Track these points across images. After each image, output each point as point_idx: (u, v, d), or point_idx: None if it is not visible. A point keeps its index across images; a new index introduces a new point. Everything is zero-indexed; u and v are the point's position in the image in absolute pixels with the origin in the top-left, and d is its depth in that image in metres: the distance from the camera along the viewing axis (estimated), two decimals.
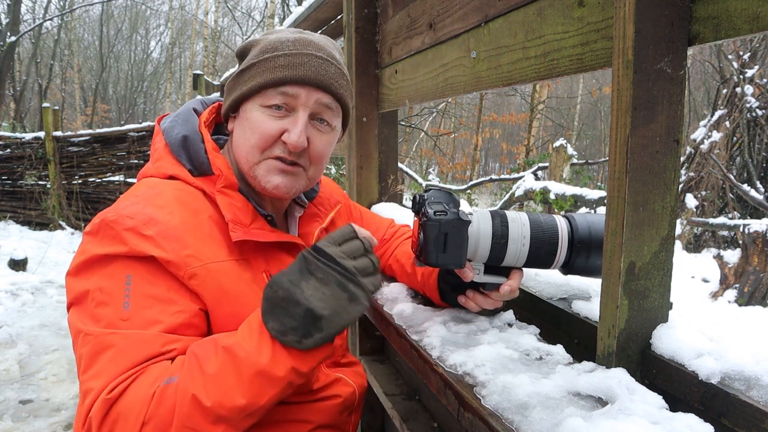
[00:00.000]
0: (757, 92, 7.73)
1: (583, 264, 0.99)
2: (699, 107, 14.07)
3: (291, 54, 1.01)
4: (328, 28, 2.92)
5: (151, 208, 0.94)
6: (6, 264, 6.60)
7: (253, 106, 1.03)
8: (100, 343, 0.85)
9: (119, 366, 0.83)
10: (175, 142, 1.05)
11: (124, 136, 8.76)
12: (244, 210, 1.02)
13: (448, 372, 0.90)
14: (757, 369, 0.72)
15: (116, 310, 0.87)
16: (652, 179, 0.78)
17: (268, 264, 1.04)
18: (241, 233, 0.98)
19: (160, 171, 1.04)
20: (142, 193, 0.98)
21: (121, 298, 0.88)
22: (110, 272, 0.90)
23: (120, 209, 0.94)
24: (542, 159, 9.87)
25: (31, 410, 3.37)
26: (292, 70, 1.00)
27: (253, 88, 1.01)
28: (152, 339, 0.86)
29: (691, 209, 7.42)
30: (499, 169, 23.17)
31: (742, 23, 0.70)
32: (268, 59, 1.01)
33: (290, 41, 1.02)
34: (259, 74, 1.01)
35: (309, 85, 1.01)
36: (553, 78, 1.08)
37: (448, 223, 0.95)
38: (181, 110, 1.12)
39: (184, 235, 0.93)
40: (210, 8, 25.29)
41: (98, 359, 0.85)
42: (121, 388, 0.81)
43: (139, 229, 0.91)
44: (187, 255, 0.92)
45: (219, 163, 1.03)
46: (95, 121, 23.05)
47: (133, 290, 0.88)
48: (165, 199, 0.97)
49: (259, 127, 1.01)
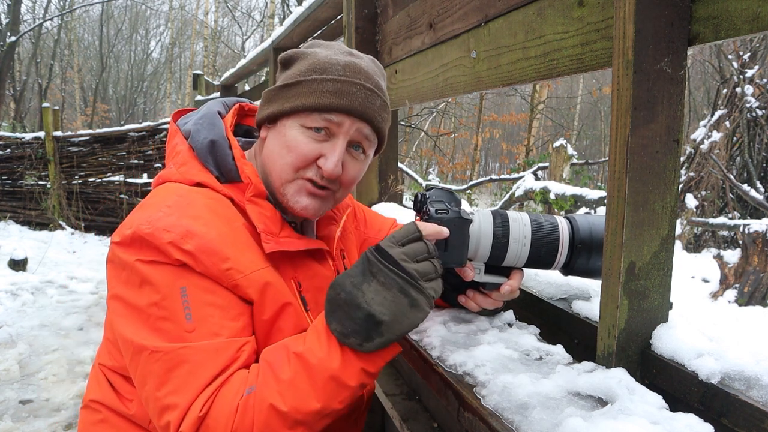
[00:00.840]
0: (757, 92, 7.73)
1: (583, 265, 0.99)
2: (699, 107, 14.07)
3: (340, 80, 0.98)
4: (328, 28, 2.92)
5: (186, 220, 0.92)
6: (6, 264, 6.60)
7: (294, 124, 1.00)
8: (173, 359, 0.86)
9: (200, 379, 0.85)
10: (202, 147, 1.03)
11: (124, 136, 8.75)
12: (274, 219, 1.01)
13: (448, 372, 0.90)
14: (757, 369, 0.72)
15: (180, 323, 0.87)
16: (652, 179, 0.78)
17: (295, 271, 1.04)
18: (274, 244, 0.97)
19: (186, 177, 1.02)
20: (174, 203, 0.95)
21: (181, 311, 0.88)
22: (164, 283, 0.89)
23: (154, 221, 0.91)
24: (542, 159, 9.87)
25: (31, 410, 3.37)
26: (339, 99, 0.98)
27: (297, 108, 0.99)
28: (224, 347, 0.87)
29: (691, 209, 7.42)
30: (499, 169, 23.17)
31: (742, 23, 0.70)
32: (317, 81, 0.98)
33: (341, 65, 1.00)
34: (305, 95, 0.99)
35: (354, 116, 1.00)
36: (553, 78, 1.08)
37: (450, 222, 0.95)
38: (205, 113, 1.10)
39: (223, 247, 0.92)
40: (210, 8, 25.31)
41: (174, 375, 0.85)
42: (209, 404, 0.84)
43: (178, 243, 0.89)
44: (228, 269, 0.91)
45: (248, 171, 1.02)
46: (95, 121, 23.05)
47: (192, 300, 0.88)
48: (198, 210, 0.95)
49: (297, 148, 1.00)
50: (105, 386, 1.04)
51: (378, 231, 1.43)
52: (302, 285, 1.04)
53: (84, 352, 4.24)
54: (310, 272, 1.06)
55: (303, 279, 1.04)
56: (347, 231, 1.30)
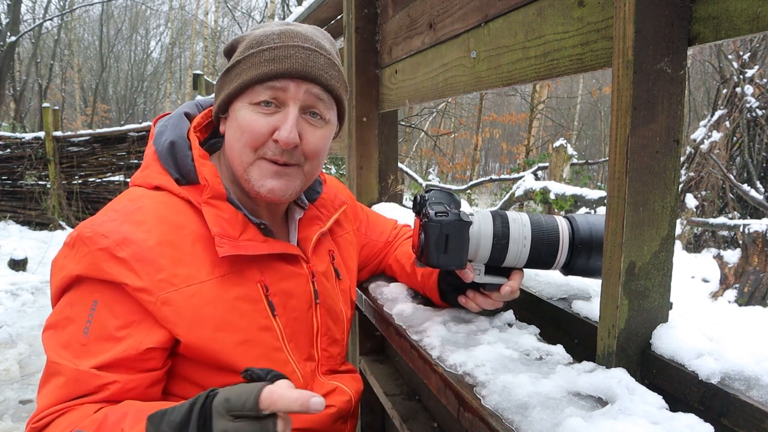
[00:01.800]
0: (757, 92, 7.73)
1: (583, 265, 0.99)
2: (699, 107, 14.07)
3: (276, 47, 0.97)
4: (328, 28, 2.92)
5: (127, 226, 0.91)
6: (6, 264, 6.60)
7: (242, 105, 0.99)
8: (51, 367, 0.89)
9: (56, 396, 0.87)
10: (162, 149, 1.01)
11: (124, 136, 8.76)
12: (233, 221, 0.98)
13: (448, 372, 0.90)
14: (757, 369, 0.72)
15: (77, 334, 0.89)
16: (652, 179, 0.78)
17: (262, 274, 1.00)
18: (229, 248, 0.94)
19: (146, 180, 1.01)
20: (122, 208, 0.95)
21: (83, 323, 0.89)
22: (80, 294, 0.91)
23: (96, 225, 0.92)
24: (542, 159, 9.87)
25: (31, 410, 3.36)
26: (277, 64, 0.96)
27: (240, 85, 0.98)
28: (89, 378, 0.87)
29: (691, 209, 7.42)
30: (499, 169, 23.17)
31: (742, 23, 0.70)
32: (254, 54, 0.98)
33: (275, 34, 0.99)
34: (245, 71, 0.98)
35: (296, 77, 0.97)
36: (553, 78, 1.08)
37: (449, 224, 0.95)
38: (173, 113, 1.09)
39: (158, 257, 0.90)
40: (210, 8, 25.31)
41: (48, 381, 0.89)
42: (45, 421, 0.86)
43: (113, 250, 0.89)
44: (161, 279, 0.90)
45: (206, 172, 0.99)
46: (95, 121, 23.04)
47: (95, 317, 0.89)
48: (144, 215, 0.94)
49: (249, 126, 0.97)
50: None
51: (380, 233, 1.42)
52: (269, 289, 1.00)
53: None
54: (279, 275, 1.03)
55: (270, 283, 1.01)
56: (343, 231, 1.27)
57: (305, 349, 1.08)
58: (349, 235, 1.29)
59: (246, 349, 0.96)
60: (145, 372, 0.90)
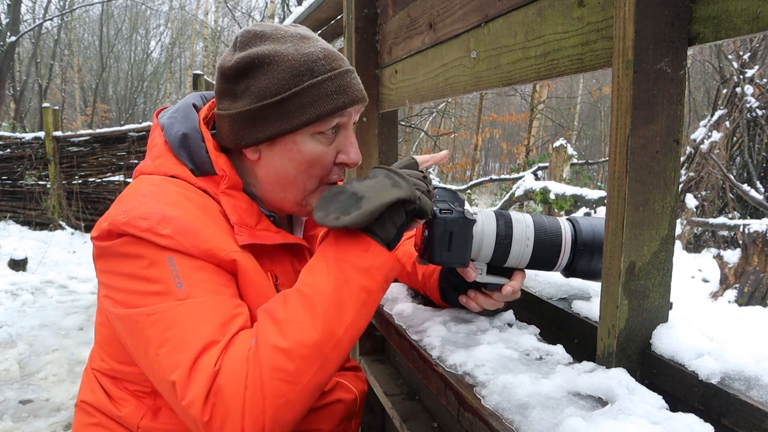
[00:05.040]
0: (757, 92, 7.73)
1: (585, 267, 0.99)
2: (699, 107, 14.07)
3: (334, 76, 0.97)
4: (328, 28, 2.92)
5: (161, 206, 0.90)
6: (6, 264, 6.60)
7: (305, 138, 0.97)
8: (170, 317, 0.82)
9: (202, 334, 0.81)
10: (175, 140, 1.02)
11: (124, 136, 8.75)
12: (249, 211, 1.00)
13: (448, 372, 0.90)
14: (757, 369, 0.72)
15: (171, 291, 0.84)
16: (652, 179, 0.78)
17: (273, 264, 1.03)
18: (247, 236, 0.96)
19: (161, 170, 1.01)
20: (149, 192, 0.94)
21: (171, 279, 0.85)
22: (149, 254, 0.87)
23: (129, 210, 0.90)
24: (542, 159, 9.87)
25: (31, 410, 3.37)
26: (345, 96, 0.97)
27: (312, 120, 0.95)
28: (222, 302, 0.85)
29: (691, 209, 7.42)
30: (499, 169, 23.18)
31: (742, 23, 0.70)
32: (315, 86, 0.95)
33: (320, 58, 0.97)
34: (313, 104, 0.95)
35: (358, 103, 1.00)
36: (553, 78, 1.08)
37: (454, 222, 0.95)
38: (180, 105, 1.08)
39: (201, 228, 0.90)
40: (210, 8, 25.30)
41: (174, 333, 0.81)
42: (221, 360, 0.79)
43: (155, 228, 0.87)
44: (209, 248, 0.89)
45: (221, 163, 1.00)
46: (95, 121, 23.04)
47: (180, 270, 0.86)
48: (173, 197, 0.93)
49: (319, 159, 0.99)
50: (98, 390, 1.03)
51: None
52: (279, 279, 1.02)
53: (84, 352, 4.24)
54: (288, 267, 1.05)
55: (280, 273, 1.03)
56: None
57: None
58: None
59: None
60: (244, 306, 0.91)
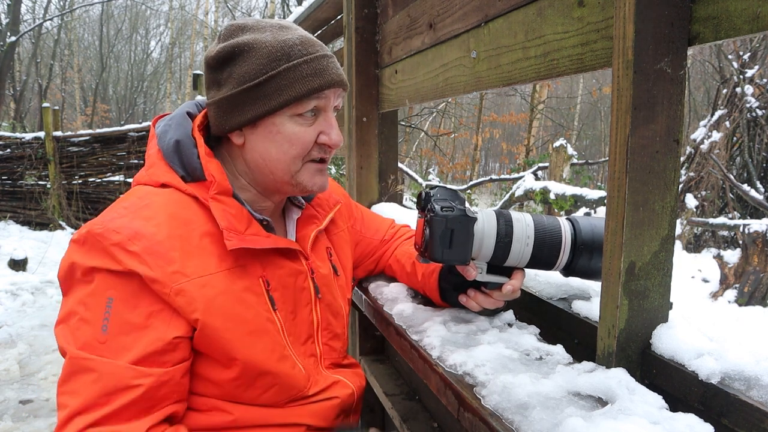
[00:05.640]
0: (757, 92, 7.73)
1: (585, 266, 0.99)
2: (699, 107, 14.07)
3: (311, 59, 1.00)
4: (328, 28, 2.92)
5: (138, 221, 0.93)
6: (6, 264, 6.60)
7: (284, 119, 1.01)
8: (78, 364, 0.89)
9: (89, 393, 0.87)
10: (167, 147, 1.04)
11: (124, 136, 8.75)
12: (239, 216, 1.01)
13: (448, 372, 0.90)
14: (757, 369, 0.72)
15: (95, 332, 0.89)
16: (652, 179, 0.78)
17: (264, 269, 1.03)
18: (237, 241, 0.97)
19: (153, 179, 1.03)
20: (131, 205, 0.97)
21: (100, 321, 0.90)
22: (93, 290, 0.91)
23: (106, 222, 0.94)
24: (542, 159, 9.87)
25: (31, 410, 3.37)
26: (321, 78, 1.00)
27: (287, 101, 0.99)
28: (122, 372, 0.88)
29: (691, 209, 7.42)
30: (499, 169, 23.17)
31: (742, 23, 0.70)
32: (291, 69, 0.99)
33: (297, 44, 1.00)
34: (288, 87, 0.99)
35: (334, 87, 1.03)
36: (553, 78, 1.08)
37: (455, 219, 0.95)
38: (175, 113, 1.11)
39: (169, 250, 0.92)
40: (210, 8, 25.31)
41: (75, 379, 0.89)
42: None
43: (125, 244, 0.91)
44: (173, 271, 0.91)
45: (212, 169, 1.02)
46: (95, 121, 23.04)
47: (113, 313, 0.90)
48: (153, 211, 0.96)
49: (299, 138, 1.03)
50: None
51: (375, 231, 1.42)
52: (270, 284, 1.03)
53: None
54: (280, 271, 1.06)
55: (272, 278, 1.04)
56: (338, 228, 1.29)
57: (306, 343, 1.10)
58: (343, 233, 1.30)
59: (253, 340, 0.99)
60: (175, 365, 0.92)
